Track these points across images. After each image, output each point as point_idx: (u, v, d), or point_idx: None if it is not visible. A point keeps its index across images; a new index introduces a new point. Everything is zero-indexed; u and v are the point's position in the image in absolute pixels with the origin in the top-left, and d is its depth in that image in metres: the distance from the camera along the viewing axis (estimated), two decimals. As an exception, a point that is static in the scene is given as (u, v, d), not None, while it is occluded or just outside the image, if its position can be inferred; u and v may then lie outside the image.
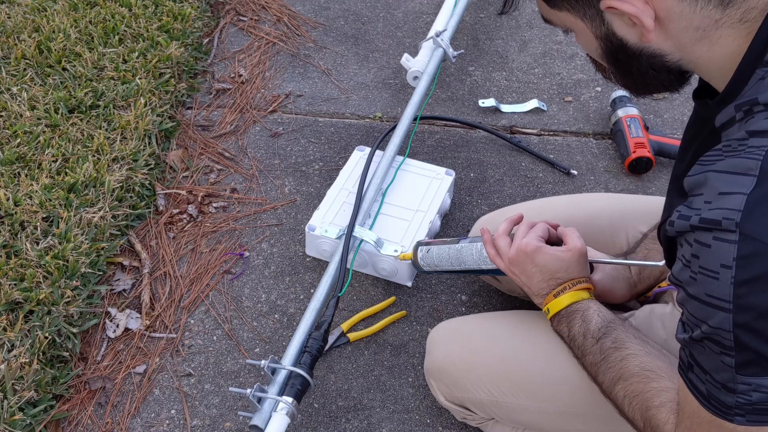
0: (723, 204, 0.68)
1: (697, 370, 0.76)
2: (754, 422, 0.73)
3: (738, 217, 0.66)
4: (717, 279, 0.68)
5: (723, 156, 0.71)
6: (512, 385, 1.11)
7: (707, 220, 0.68)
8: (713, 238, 0.68)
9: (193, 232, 1.62)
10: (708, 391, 0.75)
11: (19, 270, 1.41)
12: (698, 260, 0.70)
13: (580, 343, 1.01)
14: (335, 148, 1.83)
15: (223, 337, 1.44)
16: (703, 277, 0.69)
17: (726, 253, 0.67)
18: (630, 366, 0.93)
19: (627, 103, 1.86)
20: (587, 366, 1.00)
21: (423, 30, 2.20)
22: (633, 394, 0.91)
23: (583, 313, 1.02)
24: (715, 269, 0.68)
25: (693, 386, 0.77)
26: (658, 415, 0.87)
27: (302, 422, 1.31)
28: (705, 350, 0.73)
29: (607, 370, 0.96)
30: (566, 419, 1.09)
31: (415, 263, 1.31)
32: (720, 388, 0.73)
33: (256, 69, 2.04)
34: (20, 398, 1.24)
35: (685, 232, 0.71)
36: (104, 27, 1.97)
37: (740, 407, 0.73)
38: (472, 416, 1.21)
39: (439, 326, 1.24)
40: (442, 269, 1.27)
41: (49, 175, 1.59)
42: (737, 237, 0.66)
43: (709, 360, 0.73)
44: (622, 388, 0.93)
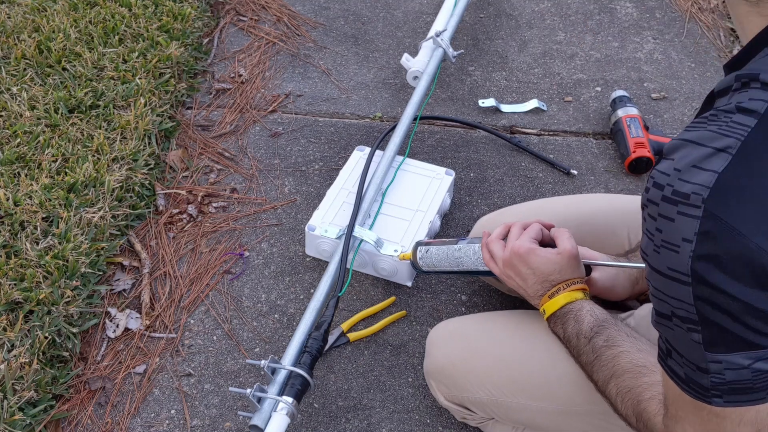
0: (693, 178, 0.68)
1: (675, 355, 0.77)
2: (732, 403, 0.73)
3: (705, 194, 0.67)
4: (677, 252, 0.69)
5: (706, 125, 0.71)
6: (512, 384, 1.11)
7: (678, 193, 0.69)
8: (677, 213, 0.69)
9: (193, 232, 1.62)
10: (686, 375, 0.76)
11: (19, 270, 1.41)
12: (661, 234, 0.71)
13: (574, 343, 1.02)
14: (335, 148, 1.83)
15: (223, 337, 1.44)
16: (665, 251, 0.70)
17: (688, 228, 0.68)
18: (622, 363, 0.94)
19: (627, 103, 1.86)
20: (583, 365, 1.01)
21: (423, 30, 2.20)
22: (625, 390, 0.92)
23: (576, 314, 1.03)
24: (677, 242, 0.69)
25: (672, 372, 0.78)
26: (648, 407, 0.88)
27: (302, 422, 1.31)
28: (675, 329, 0.74)
29: (600, 368, 0.97)
30: (566, 418, 1.09)
31: (414, 263, 1.31)
32: (695, 369, 0.74)
33: (256, 69, 2.04)
34: (20, 398, 1.24)
35: (652, 203, 0.72)
36: (104, 27, 1.97)
37: (716, 388, 0.73)
38: (472, 416, 1.21)
39: (439, 326, 1.24)
40: (441, 270, 1.27)
41: (49, 175, 1.59)
42: (701, 213, 0.67)
43: (681, 340, 0.74)
44: (615, 385, 0.94)
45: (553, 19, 2.26)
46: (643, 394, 0.89)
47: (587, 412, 1.06)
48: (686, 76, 2.08)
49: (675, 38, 2.20)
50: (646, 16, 2.29)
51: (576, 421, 1.08)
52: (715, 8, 2.32)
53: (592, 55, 2.14)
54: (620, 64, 2.10)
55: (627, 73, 2.08)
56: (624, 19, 2.28)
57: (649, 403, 0.88)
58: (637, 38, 2.20)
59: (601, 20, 2.27)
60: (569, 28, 2.23)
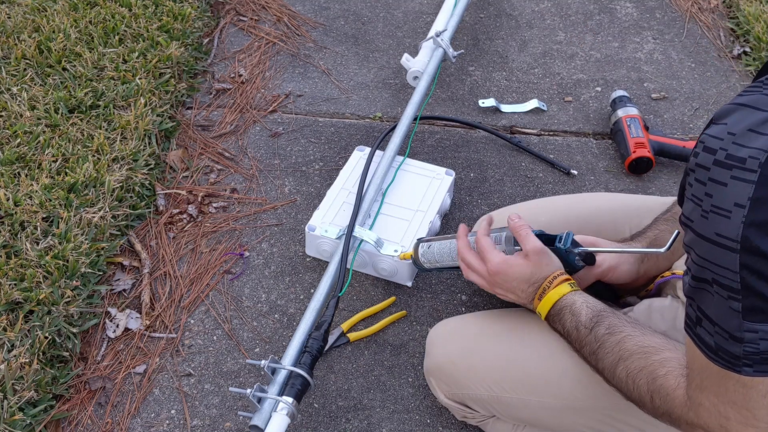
0: (750, 143, 0.67)
1: (705, 323, 0.76)
2: (762, 373, 0.73)
3: (763, 158, 0.66)
4: (728, 218, 0.68)
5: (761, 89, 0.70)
6: (513, 380, 1.11)
7: (733, 157, 0.68)
8: (731, 177, 0.68)
9: (193, 232, 1.62)
10: (716, 344, 0.75)
11: (19, 270, 1.41)
12: (711, 199, 0.70)
13: (575, 336, 1.02)
14: (335, 148, 1.83)
15: (223, 337, 1.44)
16: (714, 216, 0.69)
17: (741, 192, 0.67)
18: (628, 346, 0.94)
19: (627, 103, 1.86)
20: (586, 357, 1.01)
21: (423, 30, 2.20)
22: (636, 370, 0.92)
23: (571, 308, 1.03)
24: (728, 208, 0.68)
25: (701, 341, 0.77)
26: (666, 382, 0.87)
27: (302, 422, 1.31)
28: (713, 297, 0.73)
29: (606, 355, 0.96)
30: (568, 414, 1.09)
31: (416, 261, 1.31)
32: (728, 338, 0.73)
33: (256, 69, 2.04)
34: (20, 398, 1.24)
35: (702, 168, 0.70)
36: (104, 27, 1.97)
37: (748, 357, 0.73)
38: (472, 414, 1.21)
39: (439, 325, 1.24)
40: (443, 265, 1.27)
41: (49, 175, 1.59)
42: (756, 178, 0.66)
43: (717, 307, 0.73)
44: (624, 368, 0.93)
45: (553, 19, 2.26)
46: (658, 371, 0.89)
47: (589, 407, 1.06)
48: (686, 76, 2.08)
49: (675, 38, 2.20)
50: (646, 16, 2.29)
51: (577, 416, 1.08)
52: (715, 8, 2.32)
53: (592, 55, 2.14)
54: (620, 64, 2.10)
55: (627, 73, 2.08)
56: (624, 19, 2.28)
57: (666, 378, 0.87)
58: (637, 38, 2.20)
59: (601, 20, 2.27)
60: (569, 28, 2.23)
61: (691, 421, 0.85)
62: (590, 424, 1.08)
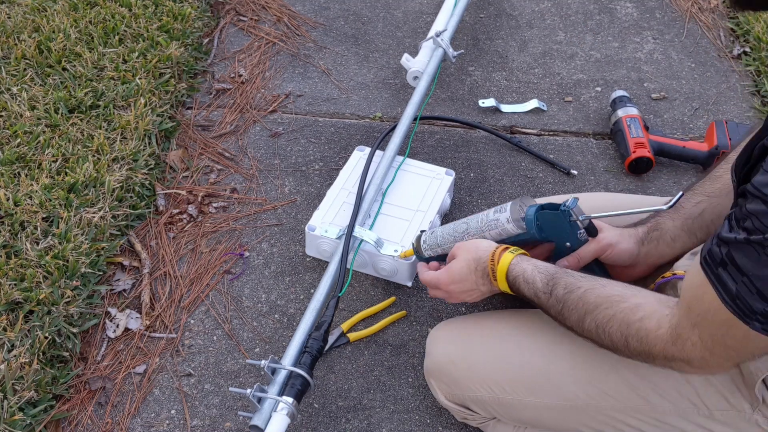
0: None
1: (732, 269, 0.76)
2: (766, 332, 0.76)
3: None
4: None
5: None
6: (513, 380, 1.11)
7: None
8: None
9: (193, 232, 1.62)
10: (738, 291, 0.76)
11: (19, 270, 1.41)
12: None
13: (537, 303, 1.04)
14: (335, 148, 1.83)
15: (223, 337, 1.44)
16: None
17: None
18: (590, 299, 0.96)
19: (627, 103, 1.86)
20: (554, 318, 1.03)
21: (423, 30, 2.20)
22: (605, 319, 0.94)
23: (524, 276, 1.05)
24: None
25: (721, 283, 0.78)
26: (644, 325, 0.90)
27: (302, 422, 1.31)
28: (759, 256, 0.74)
29: (570, 313, 0.99)
30: (569, 414, 1.08)
31: (417, 249, 1.31)
32: (755, 293, 0.74)
33: (256, 69, 2.04)
34: (20, 398, 1.24)
35: None
36: (104, 27, 1.97)
37: (765, 315, 0.75)
38: (472, 416, 1.21)
39: (439, 326, 1.24)
40: (445, 250, 1.27)
41: (49, 175, 1.59)
42: None
43: (758, 266, 0.74)
44: (592, 319, 0.96)
45: (553, 19, 2.26)
46: (631, 316, 0.91)
47: (590, 407, 1.06)
48: (686, 76, 2.08)
49: (675, 38, 2.20)
50: (646, 16, 2.29)
51: (579, 416, 1.08)
52: (715, 8, 2.32)
53: (592, 55, 2.14)
54: (620, 64, 2.10)
55: (627, 73, 2.08)
56: (624, 19, 2.28)
57: (643, 322, 0.90)
58: (637, 38, 2.20)
59: (601, 20, 2.27)
60: (569, 28, 2.23)
61: (671, 356, 0.88)
62: (591, 424, 1.08)
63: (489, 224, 1.19)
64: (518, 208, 1.16)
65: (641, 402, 1.02)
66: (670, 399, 1.01)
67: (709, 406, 0.99)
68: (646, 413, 1.02)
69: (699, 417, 1.00)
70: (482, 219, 1.21)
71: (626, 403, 1.03)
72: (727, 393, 0.98)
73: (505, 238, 1.18)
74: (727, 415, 0.99)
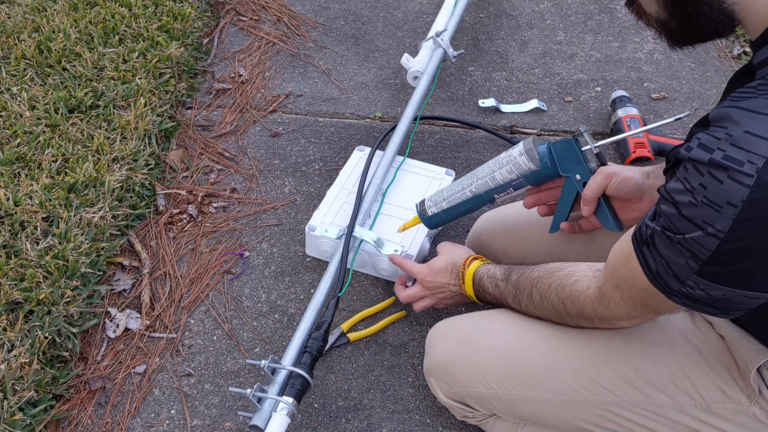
0: (750, 147, 0.71)
1: (653, 251, 0.83)
2: (685, 305, 0.84)
3: (761, 164, 0.70)
4: (719, 212, 0.73)
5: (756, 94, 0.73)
6: (512, 376, 1.11)
7: (730, 158, 0.71)
8: (728, 177, 0.72)
9: (193, 232, 1.62)
10: (657, 271, 0.83)
11: (19, 270, 1.41)
12: (705, 190, 0.74)
13: (498, 294, 1.17)
14: (335, 148, 1.83)
15: (223, 337, 1.44)
16: (705, 207, 0.74)
17: (736, 193, 0.71)
18: (534, 274, 1.09)
19: (627, 103, 1.86)
20: (512, 306, 1.15)
21: (423, 30, 2.20)
22: (545, 288, 1.06)
23: (487, 274, 1.20)
24: (720, 204, 0.72)
25: (644, 260, 0.85)
26: (575, 288, 1.01)
27: (302, 422, 1.31)
28: (673, 247, 0.79)
29: (522, 292, 1.11)
30: (568, 408, 1.08)
31: (422, 211, 1.31)
32: (671, 275, 0.81)
33: (256, 69, 2.04)
34: (20, 398, 1.24)
35: (700, 162, 0.74)
36: (104, 27, 1.97)
37: (680, 293, 0.82)
38: (472, 413, 1.21)
39: (439, 325, 1.24)
40: (451, 203, 1.27)
41: (49, 175, 1.59)
42: (753, 182, 0.70)
43: (673, 254, 0.80)
44: (537, 292, 1.08)
45: (553, 19, 2.26)
46: (564, 282, 1.03)
47: (588, 402, 1.06)
48: (686, 76, 2.08)
49: (675, 38, 2.20)
50: (646, 16, 2.28)
51: (577, 411, 1.08)
52: (715, 8, 2.32)
53: (592, 55, 2.14)
54: (620, 64, 2.11)
55: (627, 73, 2.08)
56: (624, 19, 2.28)
57: (575, 284, 1.01)
58: (637, 38, 2.20)
59: (601, 20, 2.27)
60: (569, 28, 2.23)
61: (600, 314, 0.99)
62: (590, 419, 1.08)
63: (500, 162, 1.20)
64: (530, 142, 1.17)
65: (639, 396, 1.02)
66: (667, 392, 1.01)
67: (707, 399, 0.99)
68: (644, 407, 1.03)
69: (697, 410, 1.00)
70: (491, 162, 1.21)
71: (624, 397, 1.03)
72: (724, 385, 0.98)
73: (516, 176, 1.18)
74: (724, 408, 0.99)
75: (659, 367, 1.01)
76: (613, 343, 1.05)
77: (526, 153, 1.16)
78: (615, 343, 1.05)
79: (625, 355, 1.03)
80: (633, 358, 1.03)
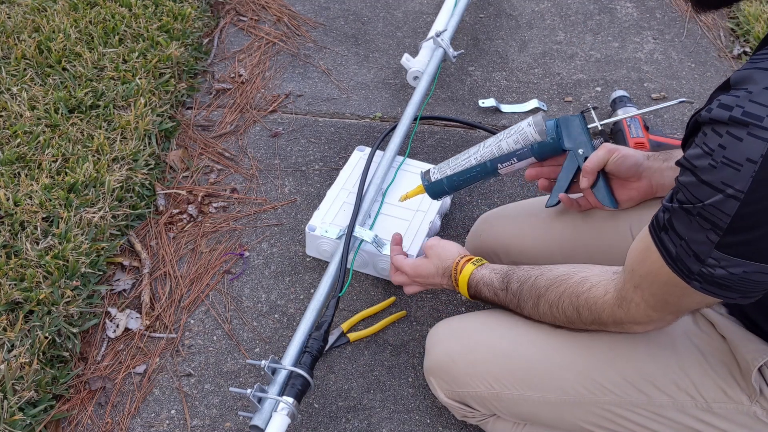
0: None
1: (672, 234, 0.82)
2: (706, 291, 0.82)
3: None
4: (738, 171, 0.72)
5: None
6: (512, 375, 1.11)
7: (749, 114, 0.72)
8: (747, 134, 0.72)
9: (193, 232, 1.62)
10: (677, 254, 0.82)
11: (19, 270, 1.41)
12: (724, 150, 0.74)
13: (497, 302, 1.14)
14: (335, 148, 1.83)
15: (223, 337, 1.44)
16: (724, 168, 0.73)
17: (756, 149, 0.71)
18: (541, 283, 1.06)
19: (627, 103, 1.86)
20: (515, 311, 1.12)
21: (423, 30, 2.20)
22: (556, 297, 1.03)
23: (483, 280, 1.15)
24: (740, 162, 0.72)
25: (663, 246, 0.84)
26: (591, 295, 0.98)
27: (302, 422, 1.31)
28: (691, 222, 0.79)
29: (526, 302, 1.08)
30: (569, 408, 1.08)
31: (426, 178, 1.31)
32: (691, 255, 0.80)
33: (256, 69, 2.04)
34: (20, 398, 1.24)
35: (719, 122, 0.74)
36: (104, 27, 1.97)
37: (701, 275, 0.80)
38: (472, 413, 1.21)
39: (439, 324, 1.24)
40: (455, 169, 1.27)
41: (49, 175, 1.59)
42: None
43: (691, 231, 0.79)
44: (545, 301, 1.05)
45: (553, 19, 2.26)
46: (579, 289, 1.00)
47: (590, 401, 1.06)
48: (686, 76, 2.08)
49: (675, 38, 2.20)
50: (646, 16, 2.29)
51: (578, 411, 1.08)
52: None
53: (592, 55, 2.14)
54: (620, 64, 2.11)
55: (627, 73, 2.08)
56: (624, 19, 2.28)
57: (590, 291, 0.99)
58: (637, 38, 2.20)
59: (601, 20, 2.27)
60: (569, 28, 2.23)
61: (619, 319, 0.96)
62: (591, 419, 1.08)
63: (508, 132, 1.22)
64: (539, 116, 1.20)
65: (639, 396, 1.02)
66: (668, 392, 1.01)
67: (708, 399, 0.99)
68: (645, 407, 1.02)
69: (697, 410, 1.00)
70: (500, 133, 1.23)
71: (624, 397, 1.03)
72: (725, 385, 0.98)
73: (521, 146, 1.21)
74: (725, 407, 0.99)
75: (661, 368, 1.01)
76: (615, 343, 1.05)
77: (534, 125, 1.19)
78: (617, 343, 1.04)
79: (627, 355, 1.03)
80: (635, 358, 1.03)
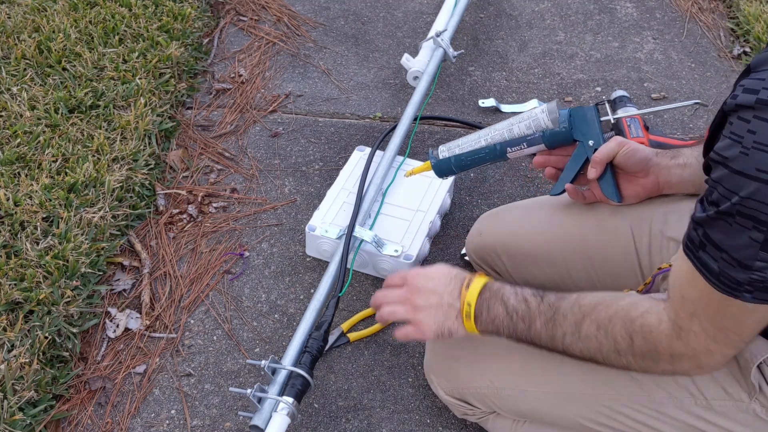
0: None
1: (710, 249, 0.79)
2: (760, 300, 0.78)
3: None
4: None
5: None
6: (513, 373, 1.11)
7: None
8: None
9: (193, 232, 1.62)
10: (720, 269, 0.78)
11: (19, 270, 1.41)
12: (754, 135, 0.72)
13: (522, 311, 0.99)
14: (335, 148, 1.83)
15: (223, 337, 1.44)
16: (756, 152, 0.72)
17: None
18: (586, 302, 0.95)
19: (627, 103, 1.86)
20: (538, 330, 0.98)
21: (423, 30, 2.20)
22: (606, 319, 0.93)
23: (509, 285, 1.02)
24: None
25: (703, 265, 0.80)
26: (646, 321, 0.90)
27: (302, 422, 1.31)
28: (730, 226, 0.76)
29: (564, 318, 0.96)
30: (569, 404, 1.08)
31: (434, 156, 1.27)
32: (735, 265, 0.76)
33: (256, 69, 2.04)
34: (20, 398, 1.24)
35: (745, 107, 0.73)
36: (104, 27, 1.97)
37: (751, 284, 0.76)
38: (472, 411, 1.21)
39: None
40: (463, 149, 1.24)
41: (49, 175, 1.59)
42: None
43: (731, 237, 0.76)
44: (591, 321, 0.94)
45: (553, 19, 2.26)
46: (631, 313, 0.91)
47: (589, 396, 1.05)
48: (686, 76, 2.08)
49: (675, 38, 2.20)
50: (646, 16, 2.29)
51: (577, 407, 1.08)
52: (715, 8, 2.32)
53: (592, 55, 2.14)
54: (620, 64, 2.11)
55: (627, 73, 2.08)
56: (624, 19, 2.28)
57: (644, 317, 0.90)
58: (637, 38, 2.20)
59: (601, 20, 2.27)
60: (569, 28, 2.23)
61: (678, 352, 0.88)
62: (590, 416, 1.07)
63: (520, 117, 1.21)
64: (553, 104, 1.19)
65: (639, 392, 1.02)
66: (667, 389, 1.01)
67: (707, 396, 0.99)
68: (644, 404, 1.02)
69: (696, 407, 1.00)
70: (512, 118, 1.22)
71: (624, 393, 1.03)
72: (725, 383, 0.98)
73: (532, 131, 1.19)
74: (724, 405, 0.99)
75: None
76: None
77: (548, 112, 1.18)
78: None
79: None
80: None
